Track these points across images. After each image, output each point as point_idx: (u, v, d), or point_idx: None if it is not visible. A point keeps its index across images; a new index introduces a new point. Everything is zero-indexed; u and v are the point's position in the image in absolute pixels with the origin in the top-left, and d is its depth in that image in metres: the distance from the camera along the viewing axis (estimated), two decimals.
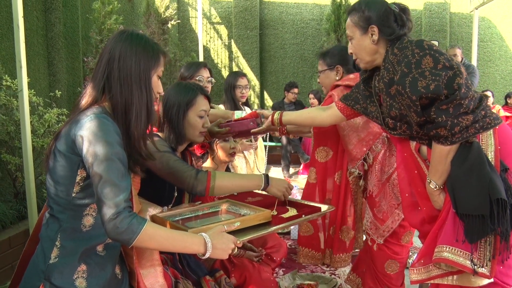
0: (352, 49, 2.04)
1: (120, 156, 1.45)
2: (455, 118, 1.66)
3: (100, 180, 1.40)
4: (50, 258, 1.50)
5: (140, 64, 1.55)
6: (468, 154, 1.70)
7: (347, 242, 2.65)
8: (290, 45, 9.19)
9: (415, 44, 1.77)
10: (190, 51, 8.39)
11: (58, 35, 4.99)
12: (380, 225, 2.44)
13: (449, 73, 1.66)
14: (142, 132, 1.57)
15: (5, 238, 3.05)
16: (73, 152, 1.47)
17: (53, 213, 1.55)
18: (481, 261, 1.70)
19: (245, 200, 2.22)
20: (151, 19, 6.91)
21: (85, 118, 1.46)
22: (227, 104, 3.78)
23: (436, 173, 1.80)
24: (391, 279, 2.49)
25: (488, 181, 1.65)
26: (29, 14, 4.57)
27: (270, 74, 9.26)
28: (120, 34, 1.58)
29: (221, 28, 9.24)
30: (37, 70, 4.70)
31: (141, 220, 1.42)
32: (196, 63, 3.33)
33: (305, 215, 2.04)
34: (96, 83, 1.55)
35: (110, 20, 5.39)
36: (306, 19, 9.15)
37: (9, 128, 3.43)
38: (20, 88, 2.97)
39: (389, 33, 1.90)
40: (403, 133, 1.90)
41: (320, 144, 2.58)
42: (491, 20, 9.00)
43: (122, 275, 1.69)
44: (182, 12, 9.08)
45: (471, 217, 1.68)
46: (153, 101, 1.60)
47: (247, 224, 1.84)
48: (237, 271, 2.54)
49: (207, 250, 1.52)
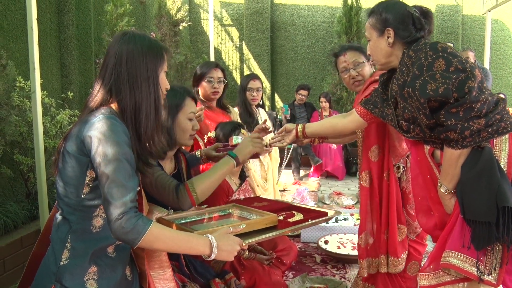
0: (369, 50, 2.05)
1: (128, 156, 1.45)
2: (465, 122, 1.64)
3: (107, 180, 1.40)
4: (61, 260, 1.51)
5: (147, 64, 1.55)
6: (479, 159, 1.67)
7: (402, 240, 2.49)
8: (301, 47, 9.18)
9: (429, 46, 1.77)
10: (201, 53, 8.41)
11: (70, 37, 5.04)
12: (412, 221, 2.47)
13: (461, 76, 1.65)
14: (152, 130, 1.58)
15: (17, 238, 3.08)
16: (82, 153, 1.48)
17: (63, 214, 1.55)
18: (487, 268, 1.68)
19: (252, 205, 2.22)
20: (162, 21, 6.94)
21: (94, 119, 1.47)
22: (240, 106, 3.79)
23: (447, 176, 1.78)
24: (409, 281, 2.49)
25: (496, 188, 1.62)
26: (43, 16, 4.61)
27: (281, 76, 9.26)
28: (123, 36, 1.58)
29: (232, 30, 9.25)
30: (49, 71, 4.75)
31: (146, 221, 1.43)
32: (208, 63, 3.34)
33: (311, 219, 2.03)
34: (104, 85, 1.55)
35: (122, 22, 5.44)
36: (317, 21, 9.13)
37: (22, 129, 3.47)
38: (33, 90, 3.00)
39: (405, 36, 1.91)
40: (417, 136, 1.89)
41: (373, 143, 2.46)
42: (504, 23, 8.91)
43: (132, 276, 1.69)
44: (193, 14, 9.11)
45: (478, 223, 1.66)
46: (161, 99, 1.61)
47: (253, 228, 1.84)
48: (247, 274, 2.54)
49: (213, 251, 1.52)
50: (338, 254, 3.49)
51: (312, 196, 5.47)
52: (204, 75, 3.21)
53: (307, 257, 3.61)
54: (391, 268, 2.46)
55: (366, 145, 2.48)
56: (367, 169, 2.49)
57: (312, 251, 3.75)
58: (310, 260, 3.55)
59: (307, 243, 3.95)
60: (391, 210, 2.44)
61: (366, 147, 2.48)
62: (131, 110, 1.53)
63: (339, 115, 2.40)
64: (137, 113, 1.54)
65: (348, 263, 3.44)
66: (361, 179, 2.51)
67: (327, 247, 3.60)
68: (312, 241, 3.95)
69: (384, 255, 2.48)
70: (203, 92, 3.26)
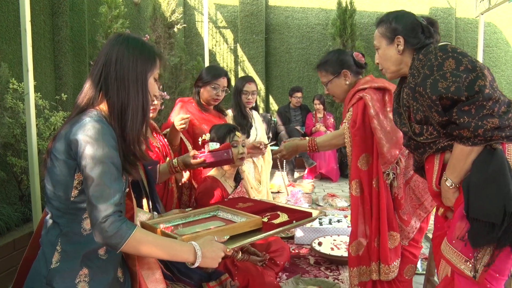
0: (378, 59, 2.09)
1: (114, 160, 1.45)
2: (479, 120, 1.64)
3: (92, 183, 1.40)
4: (51, 263, 1.50)
5: (137, 66, 1.56)
6: (492, 160, 1.68)
7: (395, 248, 2.48)
8: (296, 50, 9.20)
9: (439, 48, 1.80)
10: (196, 55, 8.41)
11: (64, 39, 5.02)
12: (405, 227, 2.47)
13: (471, 75, 1.66)
14: (137, 133, 1.57)
15: (9, 241, 3.07)
16: (69, 156, 1.48)
17: (53, 218, 1.55)
18: (473, 266, 1.71)
19: (236, 206, 2.21)
20: (157, 23, 6.93)
21: (81, 122, 1.47)
22: (234, 109, 3.79)
23: (454, 171, 1.79)
24: (405, 283, 2.51)
25: (507, 192, 1.63)
26: (36, 18, 4.60)
27: (276, 79, 9.27)
28: (117, 38, 1.59)
29: (227, 33, 9.26)
30: (43, 73, 4.73)
31: (130, 225, 1.42)
32: (218, 70, 3.34)
33: (296, 220, 2.03)
34: (93, 85, 1.56)
35: (116, 24, 5.43)
36: (312, 24, 9.16)
37: (15, 131, 3.45)
38: (26, 91, 2.99)
39: (415, 43, 1.96)
40: (430, 136, 1.87)
41: (362, 152, 2.45)
42: (496, 26, 8.98)
43: (124, 278, 1.69)
44: (188, 16, 9.11)
45: (480, 222, 1.67)
46: (149, 103, 1.61)
47: (237, 231, 1.83)
48: (241, 275, 2.55)
49: (197, 258, 1.52)
50: (331, 256, 3.49)
51: (306, 198, 5.47)
52: (211, 82, 3.24)
53: (300, 259, 3.62)
54: (383, 276, 2.46)
55: (355, 154, 2.46)
56: (357, 178, 2.48)
57: (305, 253, 3.76)
58: (304, 262, 3.56)
59: (301, 245, 3.95)
60: (381, 217, 2.42)
61: (355, 156, 2.46)
62: (118, 110, 1.54)
63: None
64: (123, 114, 1.54)
65: (341, 265, 3.45)
66: (351, 188, 2.50)
67: (320, 248, 3.60)
68: (306, 243, 3.95)
69: (375, 262, 2.47)
70: (205, 96, 3.28)
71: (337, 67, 2.59)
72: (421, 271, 3.22)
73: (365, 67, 2.66)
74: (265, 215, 2.06)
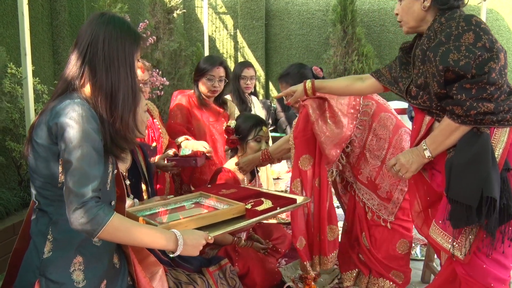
0: (398, 11, 1.97)
1: (95, 144, 1.40)
2: (475, 101, 1.62)
3: (70, 166, 1.35)
4: (43, 253, 1.46)
5: (125, 48, 1.50)
6: (475, 143, 1.67)
7: (334, 240, 2.67)
8: (296, 36, 9.13)
9: (464, 18, 1.72)
10: (196, 41, 8.35)
11: (63, 23, 4.98)
12: (387, 204, 2.53)
13: (485, 54, 1.62)
14: (129, 114, 1.52)
15: (9, 225, 3.07)
16: (51, 142, 1.43)
17: (41, 207, 1.50)
18: (460, 246, 1.73)
19: (219, 193, 2.18)
20: (156, 8, 6.87)
21: (60, 105, 1.42)
22: (233, 94, 3.76)
23: (434, 142, 1.79)
24: (401, 260, 2.54)
25: (485, 176, 1.63)
26: (34, 2, 4.55)
27: (276, 65, 9.22)
28: (101, 16, 1.52)
29: (227, 18, 9.19)
30: (42, 58, 4.70)
31: (107, 212, 1.37)
32: (212, 60, 3.23)
33: (280, 207, 2.01)
34: (76, 65, 1.49)
35: (115, 9, 5.37)
36: (312, 10, 9.08)
37: (14, 116, 3.44)
38: (24, 76, 2.97)
39: (442, 2, 1.83)
40: (423, 104, 1.86)
41: (303, 153, 2.57)
42: (499, 12, 8.91)
43: (120, 264, 1.66)
44: (187, 2, 9.03)
45: (459, 203, 1.69)
46: (137, 84, 1.56)
47: (220, 219, 1.81)
48: (241, 261, 2.55)
49: (178, 246, 1.48)
50: None
51: None
52: (206, 72, 3.14)
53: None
54: (323, 266, 2.62)
55: (296, 155, 2.57)
56: (298, 177, 2.58)
57: None
58: None
59: None
60: (322, 213, 2.56)
61: (296, 157, 2.58)
62: (107, 92, 1.47)
63: (353, 77, 2.38)
64: (114, 96, 1.48)
65: None
66: (293, 186, 2.59)
67: None
68: None
69: (317, 255, 2.62)
70: (203, 90, 3.20)
71: (297, 80, 2.69)
72: (420, 257, 3.23)
73: None
74: (248, 201, 2.04)
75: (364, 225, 2.64)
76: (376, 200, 2.56)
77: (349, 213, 2.79)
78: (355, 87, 2.31)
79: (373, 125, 2.54)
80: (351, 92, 2.39)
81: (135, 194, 2.21)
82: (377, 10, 8.91)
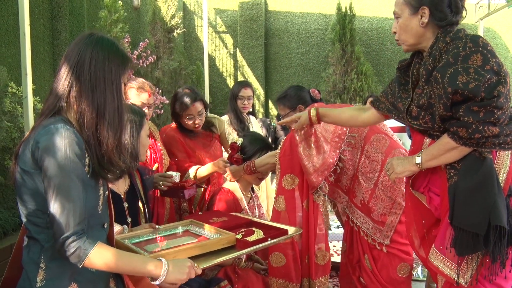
0: (396, 29, 1.93)
1: (78, 171, 1.35)
2: (481, 125, 1.59)
3: (51, 196, 1.32)
4: (36, 282, 1.40)
5: (111, 69, 1.46)
6: (480, 169, 1.63)
7: (324, 265, 2.60)
8: (295, 55, 9.20)
9: (470, 38, 1.69)
10: (196, 60, 8.41)
11: (64, 43, 5.01)
12: (381, 227, 2.47)
13: (494, 78, 1.59)
14: (114, 139, 1.46)
15: (6, 245, 3.04)
16: (36, 167, 1.37)
17: (32, 235, 1.44)
18: (463, 273, 1.69)
19: (210, 221, 2.14)
20: (157, 27, 6.94)
21: (43, 130, 1.37)
22: (230, 114, 3.75)
23: (429, 155, 1.76)
24: (402, 283, 2.49)
25: (492, 203, 1.59)
26: (36, 22, 4.59)
27: (275, 84, 9.27)
28: (89, 37, 1.48)
29: (227, 37, 9.27)
30: (42, 77, 4.72)
31: (88, 245, 1.33)
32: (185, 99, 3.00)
33: (271, 238, 1.95)
34: (61, 87, 1.44)
35: (116, 29, 5.42)
36: (311, 29, 9.17)
37: (14, 135, 3.44)
38: (25, 95, 2.98)
39: (440, 18, 1.79)
40: (424, 125, 1.81)
41: (286, 172, 2.56)
42: (496, 31, 8.99)
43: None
44: (187, 21, 9.12)
45: (465, 231, 1.64)
46: (124, 107, 1.51)
47: (209, 249, 1.76)
48: (241, 282, 2.52)
49: (161, 275, 1.43)
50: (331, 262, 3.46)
51: None
52: (183, 114, 3.01)
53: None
54: None
55: (281, 173, 2.59)
56: (281, 195, 2.57)
57: None
58: None
59: None
60: (310, 235, 2.53)
61: (281, 174, 2.59)
62: (93, 114, 1.42)
63: (356, 107, 2.33)
64: (99, 119, 1.43)
65: None
66: (276, 204, 2.59)
67: None
68: None
69: (306, 278, 2.57)
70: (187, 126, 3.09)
71: (294, 102, 2.74)
72: (421, 278, 3.20)
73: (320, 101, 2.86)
74: (239, 231, 2.00)
75: (366, 247, 2.59)
76: (370, 223, 2.50)
77: (347, 234, 2.75)
78: (358, 119, 2.25)
79: (365, 147, 2.50)
80: (355, 123, 2.33)
81: (132, 217, 2.19)
82: (376, 29, 8.99)
